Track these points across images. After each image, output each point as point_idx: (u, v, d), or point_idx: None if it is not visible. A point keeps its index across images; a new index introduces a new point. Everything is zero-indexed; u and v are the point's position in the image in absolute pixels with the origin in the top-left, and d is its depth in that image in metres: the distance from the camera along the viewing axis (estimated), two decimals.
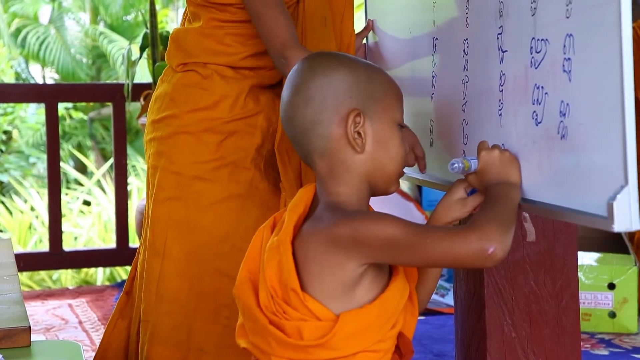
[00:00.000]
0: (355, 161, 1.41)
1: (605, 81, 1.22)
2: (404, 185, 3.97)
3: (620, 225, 1.20)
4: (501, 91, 1.54)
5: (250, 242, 1.48)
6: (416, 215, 3.70)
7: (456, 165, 1.49)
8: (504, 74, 1.54)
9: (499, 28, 1.55)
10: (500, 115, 1.55)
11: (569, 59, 1.33)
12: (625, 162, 1.19)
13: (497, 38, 1.56)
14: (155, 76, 3.73)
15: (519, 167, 1.45)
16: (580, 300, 2.93)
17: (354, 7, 2.13)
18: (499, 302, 1.79)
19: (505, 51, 1.54)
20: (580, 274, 2.99)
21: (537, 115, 1.42)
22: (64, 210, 5.20)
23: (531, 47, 1.44)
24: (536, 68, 1.42)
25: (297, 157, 1.96)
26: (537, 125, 1.42)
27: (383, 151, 1.43)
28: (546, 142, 1.39)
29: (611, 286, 3.00)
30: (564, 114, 1.34)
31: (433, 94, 1.88)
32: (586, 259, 3.08)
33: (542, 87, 1.41)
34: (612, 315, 2.99)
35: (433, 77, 1.88)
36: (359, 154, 1.41)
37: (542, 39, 1.40)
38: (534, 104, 1.43)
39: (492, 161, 1.45)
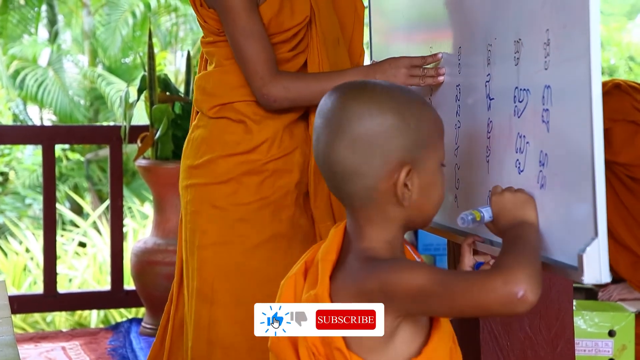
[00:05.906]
0: (397, 211, 1.34)
1: (578, 133, 1.24)
2: None
3: (590, 277, 1.19)
4: (489, 138, 1.56)
5: (282, 290, 1.41)
6: None
7: (466, 217, 1.42)
8: (491, 121, 1.55)
9: (487, 76, 1.57)
10: (488, 161, 1.56)
11: (547, 109, 1.34)
12: (595, 214, 1.20)
13: (486, 85, 1.57)
14: (152, 118, 3.74)
15: (534, 206, 1.37)
16: (581, 348, 2.93)
17: (363, 27, 2.15)
18: (494, 347, 1.79)
19: (493, 99, 1.55)
20: (581, 322, 2.97)
21: (519, 163, 1.43)
22: (59, 251, 5.18)
23: (514, 96, 1.45)
24: (519, 117, 1.44)
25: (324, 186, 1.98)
26: (519, 173, 1.43)
27: (426, 198, 1.35)
28: (527, 191, 1.39)
29: (611, 333, 2.99)
30: (543, 164, 1.35)
31: None
32: (585, 306, 3.07)
33: (524, 136, 1.42)
34: None
35: None
36: (403, 206, 1.34)
37: (524, 89, 1.42)
38: (517, 152, 1.44)
39: (504, 205, 1.39)
